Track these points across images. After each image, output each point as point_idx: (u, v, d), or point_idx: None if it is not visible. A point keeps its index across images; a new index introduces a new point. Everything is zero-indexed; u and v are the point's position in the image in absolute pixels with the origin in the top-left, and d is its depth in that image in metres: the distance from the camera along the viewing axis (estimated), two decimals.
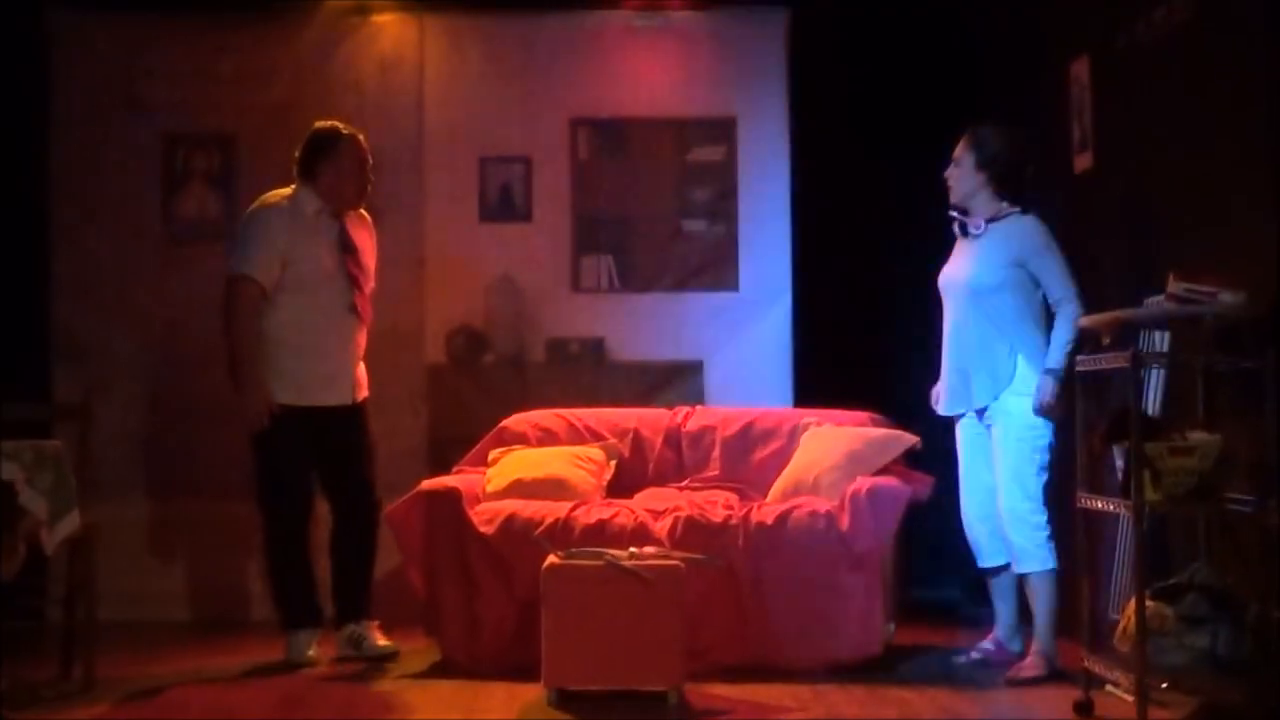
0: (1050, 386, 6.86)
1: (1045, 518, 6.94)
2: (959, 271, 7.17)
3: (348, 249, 7.55)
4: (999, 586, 7.24)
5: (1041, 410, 6.90)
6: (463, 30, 9.26)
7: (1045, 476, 6.97)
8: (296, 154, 7.58)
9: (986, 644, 7.27)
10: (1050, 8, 8.14)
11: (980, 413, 7.10)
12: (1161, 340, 6.33)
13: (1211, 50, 6.30)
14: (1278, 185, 5.83)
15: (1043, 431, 6.95)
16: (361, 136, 7.66)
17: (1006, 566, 7.12)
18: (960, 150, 7.18)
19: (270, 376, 7.43)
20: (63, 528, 6.62)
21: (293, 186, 7.57)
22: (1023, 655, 7.04)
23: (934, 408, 7.32)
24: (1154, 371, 6.36)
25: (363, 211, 7.73)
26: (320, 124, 7.66)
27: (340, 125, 7.65)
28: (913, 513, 7.34)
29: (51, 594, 6.96)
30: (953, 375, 7.19)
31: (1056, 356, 6.88)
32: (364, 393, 7.70)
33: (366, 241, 7.70)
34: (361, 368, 7.68)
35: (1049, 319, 6.99)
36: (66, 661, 7.06)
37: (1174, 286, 5.92)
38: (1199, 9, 6.40)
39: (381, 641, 7.50)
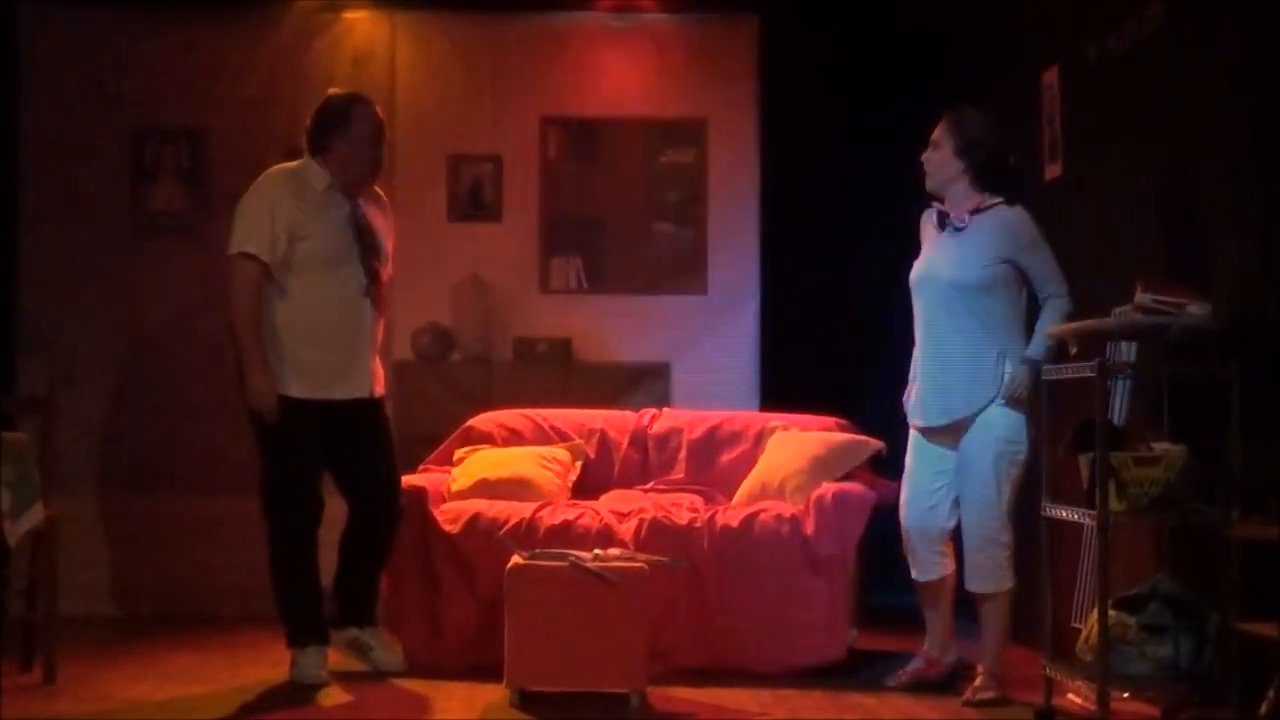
0: (1024, 378, 6.47)
1: (1010, 536, 6.59)
2: (938, 267, 6.63)
3: (361, 230, 6.95)
4: (932, 596, 6.83)
5: (1010, 401, 6.49)
6: (434, 28, 9.26)
7: (1016, 491, 6.59)
8: (307, 124, 7.03)
9: (917, 662, 6.92)
10: (1022, 17, 8.16)
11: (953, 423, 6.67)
12: (1128, 350, 6.32)
13: (1181, 61, 6.32)
14: (1245, 197, 5.86)
15: (1021, 445, 6.54)
16: (377, 106, 7.13)
17: (943, 580, 6.80)
18: (939, 133, 6.68)
19: (280, 366, 6.85)
20: (26, 520, 6.61)
21: (299, 161, 7.04)
22: (961, 668, 6.83)
23: (909, 417, 6.86)
24: (1120, 381, 6.34)
25: (379, 190, 7.22)
26: (333, 91, 7.22)
27: (355, 93, 7.22)
28: (876, 518, 7.34)
29: (13, 587, 6.92)
30: (931, 384, 6.70)
31: (1039, 346, 6.50)
32: (381, 388, 7.16)
33: (382, 223, 7.13)
34: (378, 361, 7.18)
35: (1031, 324, 6.63)
36: (27, 655, 7.03)
37: (1141, 297, 5.92)
38: (1169, 20, 6.42)
39: (390, 655, 7.15)
